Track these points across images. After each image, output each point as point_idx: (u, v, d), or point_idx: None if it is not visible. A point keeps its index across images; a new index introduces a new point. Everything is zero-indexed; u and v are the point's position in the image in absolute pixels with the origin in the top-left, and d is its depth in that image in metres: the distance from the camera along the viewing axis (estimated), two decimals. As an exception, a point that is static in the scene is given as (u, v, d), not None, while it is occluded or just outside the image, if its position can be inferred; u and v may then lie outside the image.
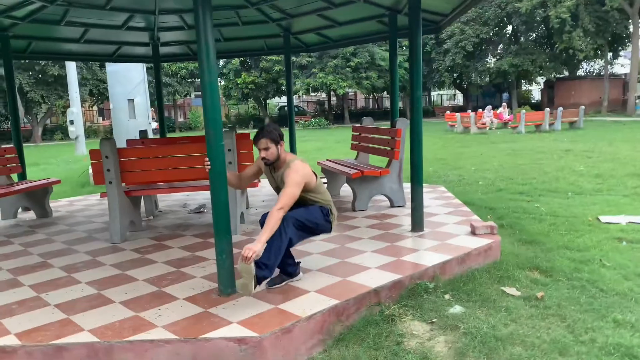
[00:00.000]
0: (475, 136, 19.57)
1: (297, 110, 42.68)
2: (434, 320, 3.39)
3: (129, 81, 10.58)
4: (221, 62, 38.42)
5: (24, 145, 6.57)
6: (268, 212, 3.35)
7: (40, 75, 32.51)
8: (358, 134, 6.99)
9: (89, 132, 33.51)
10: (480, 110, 23.84)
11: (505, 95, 37.41)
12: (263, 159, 3.51)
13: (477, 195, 7.72)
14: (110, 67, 10.61)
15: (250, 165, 3.82)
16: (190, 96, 46.78)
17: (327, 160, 7.01)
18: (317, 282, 3.58)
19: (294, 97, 46.62)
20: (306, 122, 34.29)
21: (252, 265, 3.05)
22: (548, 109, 21.63)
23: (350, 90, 37.30)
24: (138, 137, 6.83)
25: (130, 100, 10.62)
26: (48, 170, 13.83)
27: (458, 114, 22.27)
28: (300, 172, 3.40)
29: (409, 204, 5.99)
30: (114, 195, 4.94)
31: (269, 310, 3.14)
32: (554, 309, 3.54)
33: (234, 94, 36.12)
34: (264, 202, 6.91)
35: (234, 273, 3.43)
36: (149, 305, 3.33)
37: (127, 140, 6.68)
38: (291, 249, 3.54)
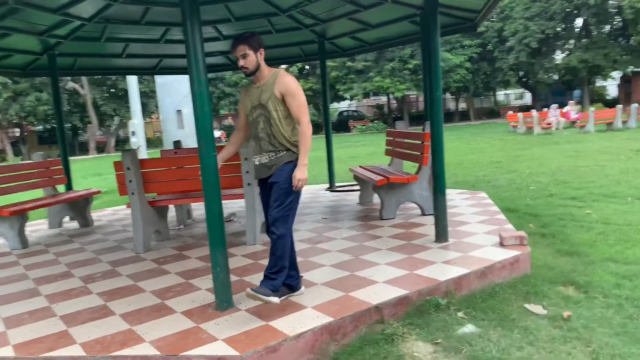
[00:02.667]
0: (538, 137, 18.54)
1: (355, 114, 42.56)
2: (440, 340, 3.13)
3: (177, 92, 10.90)
4: (281, 69, 39.00)
5: (98, 155, 6.79)
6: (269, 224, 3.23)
7: (112, 90, 34.51)
8: (392, 138, 6.75)
9: (157, 142, 35.03)
10: (546, 109, 22.60)
11: (576, 92, 35.33)
12: (242, 67, 3.23)
13: (524, 201, 7.23)
14: (159, 79, 10.98)
15: (241, 115, 3.52)
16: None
17: (360, 166, 6.82)
18: (317, 298, 3.42)
19: (353, 101, 46.62)
20: (363, 127, 34.03)
21: (256, 293, 3.05)
22: (621, 105, 20.09)
23: (409, 92, 36.65)
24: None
25: (179, 111, 10.93)
26: (108, 180, 14.53)
27: (520, 114, 21.21)
28: (292, 78, 3.21)
29: (441, 211, 5.71)
30: (136, 206, 5.02)
31: (258, 327, 3.02)
32: (580, 330, 3.18)
33: (293, 101, 36.47)
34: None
35: (229, 287, 3.34)
36: (145, 318, 3.31)
37: (161, 151, 6.83)
38: (300, 261, 3.38)
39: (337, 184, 8.45)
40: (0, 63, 7.04)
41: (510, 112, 23.62)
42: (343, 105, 46.71)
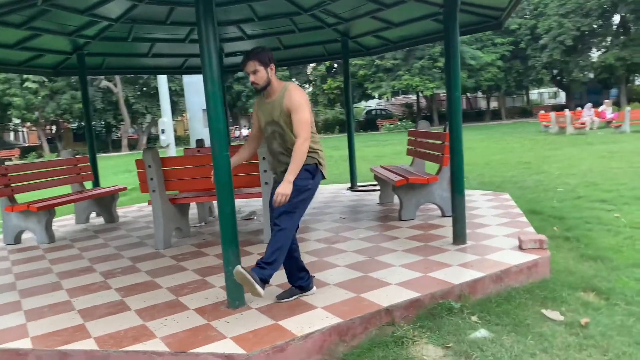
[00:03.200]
0: (570, 137, 18.06)
1: (383, 113, 42.28)
2: (450, 345, 3.08)
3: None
4: (309, 68, 39.15)
5: (130, 153, 6.85)
6: (275, 226, 3.23)
7: (144, 88, 35.24)
8: (413, 138, 6.68)
9: (187, 140, 35.59)
10: (580, 108, 21.99)
11: (613, 91, 34.26)
12: (252, 83, 3.24)
13: (550, 203, 7.05)
14: (186, 78, 11.15)
15: (254, 124, 3.55)
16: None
17: (380, 166, 6.77)
18: (328, 298, 3.41)
19: (382, 100, 46.33)
20: (392, 125, 33.80)
21: (244, 273, 2.96)
22: (659, 105, 19.38)
23: (439, 91, 36.21)
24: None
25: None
26: (138, 177, 14.82)
27: (552, 114, 20.69)
28: (303, 95, 3.16)
29: (462, 213, 5.62)
30: (157, 203, 5.12)
31: (267, 327, 3.03)
32: (597, 338, 3.08)
33: (321, 99, 36.56)
34: (314, 208, 6.81)
35: (241, 285, 3.37)
36: (158, 314, 3.37)
37: (185, 149, 6.93)
38: (314, 261, 3.37)
39: (358, 184, 8.42)
40: (32, 63, 7.26)
41: (542, 112, 23.07)
42: (372, 104, 46.48)
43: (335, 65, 37.06)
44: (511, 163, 11.98)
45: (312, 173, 3.28)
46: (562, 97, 43.98)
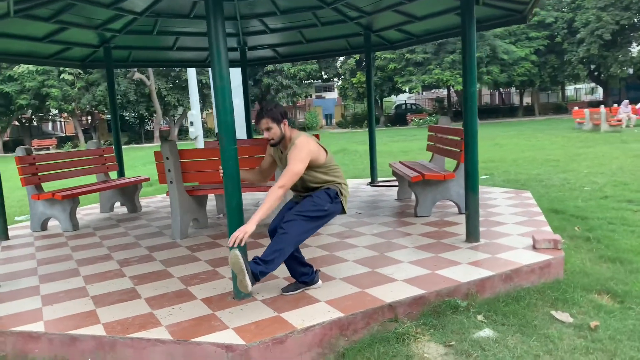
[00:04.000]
0: (604, 135, 17.51)
1: (413, 108, 41.86)
2: (453, 343, 3.06)
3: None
4: (338, 62, 39.03)
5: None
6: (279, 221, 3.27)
7: (176, 81, 35.81)
8: (433, 134, 6.61)
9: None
10: (617, 105, 21.29)
11: (654, 87, 33.01)
12: (267, 140, 3.34)
13: (574, 202, 6.87)
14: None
15: (265, 157, 3.66)
16: (311, 97, 48.23)
17: (399, 162, 6.73)
18: (333, 292, 3.43)
19: (412, 94, 45.84)
20: (421, 120, 33.43)
21: (241, 259, 2.94)
22: (701, 102, 18.58)
23: (470, 86, 35.57)
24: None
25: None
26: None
27: (587, 110, 20.09)
28: (304, 149, 3.21)
29: (480, 211, 5.55)
30: (174, 194, 5.22)
31: (269, 318, 3.07)
32: (606, 342, 3.01)
33: (350, 93, 36.42)
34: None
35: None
36: (167, 303, 3.45)
37: (205, 142, 7.02)
38: (324, 255, 3.40)
39: (379, 179, 8.38)
40: (62, 55, 7.47)
41: (576, 108, 22.42)
42: (402, 98, 46.07)
43: (365, 60, 36.84)
44: (539, 160, 11.71)
45: (331, 197, 3.36)
46: (599, 93, 42.63)
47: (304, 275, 3.46)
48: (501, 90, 42.35)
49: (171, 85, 35.63)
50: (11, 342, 3.17)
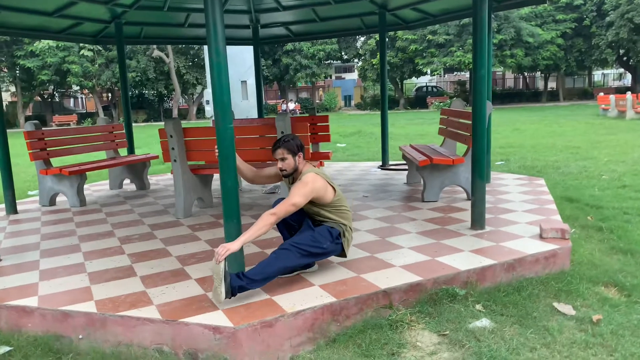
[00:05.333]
0: (630, 122, 17.00)
1: (434, 90, 41.23)
2: (447, 332, 2.98)
3: (243, 63, 11.06)
4: (358, 42, 38.51)
5: (182, 122, 6.83)
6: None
7: (195, 59, 35.80)
8: (446, 117, 6.44)
9: (234, 111, 36.05)
10: (643, 91, 20.61)
11: (684, 74, 31.87)
12: (280, 169, 3.35)
13: (590, 191, 6.66)
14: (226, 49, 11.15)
15: (273, 166, 3.62)
16: (330, 78, 47.84)
17: (410, 145, 6.59)
18: (328, 276, 3.36)
19: (434, 76, 45.10)
20: (441, 103, 32.90)
21: (222, 266, 2.86)
22: None
23: (493, 69, 34.83)
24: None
25: (243, 82, 11.11)
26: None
27: (612, 96, 19.49)
28: (309, 186, 3.17)
29: (489, 197, 5.42)
30: (178, 173, 5.19)
31: (260, 301, 3.02)
32: (607, 337, 2.89)
33: (370, 74, 35.98)
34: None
35: (241, 258, 3.37)
36: (162, 282, 3.43)
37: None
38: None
39: (390, 162, 8.25)
40: (73, 30, 7.45)
41: (601, 94, 21.78)
42: (423, 81, 45.40)
43: (387, 40, 36.26)
44: (558, 147, 11.41)
45: (332, 237, 3.29)
46: (628, 79, 41.37)
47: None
48: (525, 74, 41.38)
49: (190, 64, 35.64)
50: (5, 316, 3.19)
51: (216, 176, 7.45)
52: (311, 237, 3.23)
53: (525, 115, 23.38)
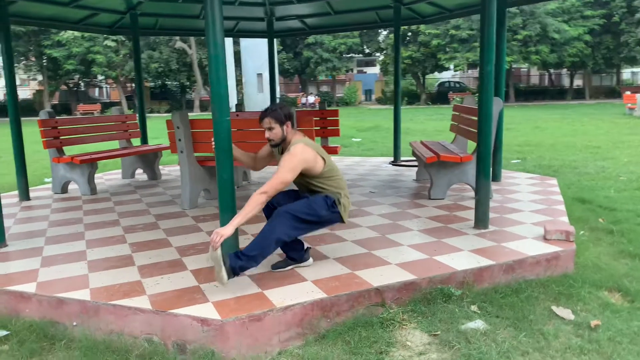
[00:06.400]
0: (656, 122, 16.53)
1: (457, 86, 40.71)
2: (438, 332, 2.94)
3: (259, 56, 11.07)
4: (380, 36, 38.21)
5: (201, 113, 6.80)
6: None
7: (217, 51, 35.92)
8: (457, 114, 6.34)
9: (255, 104, 36.17)
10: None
11: None
12: (268, 139, 3.30)
13: (606, 192, 6.50)
14: (243, 42, 11.23)
15: (264, 146, 3.61)
16: (352, 71, 47.59)
17: (421, 141, 6.51)
18: (322, 272, 3.35)
19: (457, 72, 44.50)
20: (462, 99, 32.44)
21: (219, 252, 2.89)
22: None
23: (517, 65, 34.24)
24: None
25: (259, 75, 11.12)
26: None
27: (639, 95, 18.97)
28: (297, 157, 3.11)
29: (497, 196, 5.33)
30: (184, 164, 5.22)
31: (251, 295, 3.02)
32: (603, 343, 2.82)
33: (391, 69, 35.63)
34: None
35: (237, 244, 3.37)
36: (158, 272, 3.45)
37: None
38: (325, 233, 3.30)
39: (402, 158, 8.17)
40: (89, 21, 7.54)
41: (628, 93, 21.22)
42: (446, 76, 44.86)
43: (409, 34, 35.90)
44: (578, 146, 11.17)
45: (328, 205, 3.25)
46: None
47: (293, 250, 3.39)
48: (551, 71, 40.53)
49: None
50: (4, 300, 3.25)
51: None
52: (306, 205, 3.19)
53: (548, 113, 22.92)
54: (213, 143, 3.31)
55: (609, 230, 4.84)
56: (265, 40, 10.59)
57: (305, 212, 3.17)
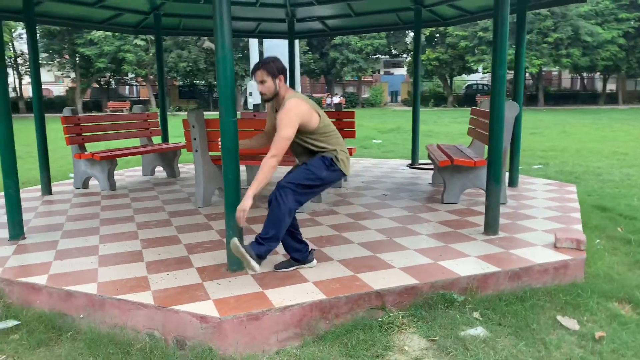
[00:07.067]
0: (690, 129, 15.99)
1: (485, 88, 40.14)
2: (437, 338, 2.92)
3: (282, 56, 11.10)
4: (408, 37, 37.96)
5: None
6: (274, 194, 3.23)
7: (244, 51, 36.28)
8: (475, 117, 6.26)
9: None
10: None
11: None
12: (260, 93, 3.25)
13: (628, 200, 6.33)
14: (266, 42, 11.30)
15: (267, 120, 3.55)
16: (378, 72, 47.41)
17: (437, 144, 6.45)
18: (324, 273, 3.36)
19: (486, 74, 43.83)
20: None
21: (239, 246, 3.01)
22: None
23: (548, 69, 33.55)
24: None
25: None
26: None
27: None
28: (293, 111, 3.09)
29: (511, 202, 5.26)
30: (199, 163, 5.30)
31: (252, 294, 3.06)
32: (606, 355, 2.76)
33: (418, 70, 35.39)
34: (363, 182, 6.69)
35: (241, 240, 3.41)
36: (164, 268, 3.52)
37: (242, 113, 7.06)
38: (332, 235, 3.33)
39: (420, 161, 8.11)
40: (114, 21, 7.72)
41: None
42: (474, 78, 44.28)
43: (437, 36, 35.56)
44: (605, 152, 10.90)
45: (327, 165, 3.26)
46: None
47: (296, 251, 3.42)
48: (584, 75, 39.59)
49: (240, 55, 36.18)
50: (17, 291, 3.37)
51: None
52: (305, 171, 3.21)
53: (577, 118, 22.41)
54: (220, 143, 3.35)
55: (627, 239, 4.71)
56: (286, 41, 10.69)
57: (305, 177, 3.19)
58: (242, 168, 7.45)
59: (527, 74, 35.38)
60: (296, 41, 10.82)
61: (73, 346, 2.93)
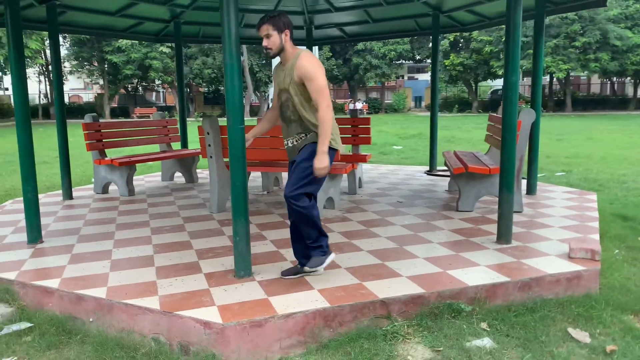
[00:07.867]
0: None
1: (511, 95, 39.49)
2: (441, 349, 2.88)
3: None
4: (430, 43, 37.68)
5: (250, 118, 7.01)
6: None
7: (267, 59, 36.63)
8: (492, 124, 6.18)
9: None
10: None
11: None
12: (265, 48, 3.19)
13: (652, 209, 6.15)
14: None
15: (274, 96, 3.48)
16: (402, 78, 47.21)
17: (454, 151, 6.38)
18: (330, 281, 3.35)
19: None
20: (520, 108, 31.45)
21: (301, 274, 3.34)
22: None
23: (576, 74, 32.88)
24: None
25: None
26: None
27: None
28: (314, 59, 3.11)
29: (528, 210, 5.17)
30: (213, 169, 5.36)
31: (256, 300, 3.07)
32: (616, 371, 2.67)
33: (441, 76, 35.13)
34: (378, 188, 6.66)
35: (248, 256, 3.44)
36: (174, 274, 3.57)
37: (258, 119, 7.12)
38: (342, 242, 3.36)
39: (438, 168, 8.04)
40: (136, 29, 7.89)
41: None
42: (499, 83, 43.67)
43: (462, 41, 35.25)
44: (631, 159, 10.62)
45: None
46: None
47: (305, 257, 3.42)
48: (613, 80, 38.67)
49: (264, 62, 36.53)
50: (31, 294, 3.46)
51: (254, 174, 7.62)
52: (301, 168, 3.20)
53: (605, 124, 21.89)
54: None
55: (644, 251, 4.58)
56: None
57: (304, 175, 3.19)
58: (258, 174, 7.51)
59: (555, 79, 34.75)
60: (315, 48, 10.84)
61: (81, 349, 2.99)
